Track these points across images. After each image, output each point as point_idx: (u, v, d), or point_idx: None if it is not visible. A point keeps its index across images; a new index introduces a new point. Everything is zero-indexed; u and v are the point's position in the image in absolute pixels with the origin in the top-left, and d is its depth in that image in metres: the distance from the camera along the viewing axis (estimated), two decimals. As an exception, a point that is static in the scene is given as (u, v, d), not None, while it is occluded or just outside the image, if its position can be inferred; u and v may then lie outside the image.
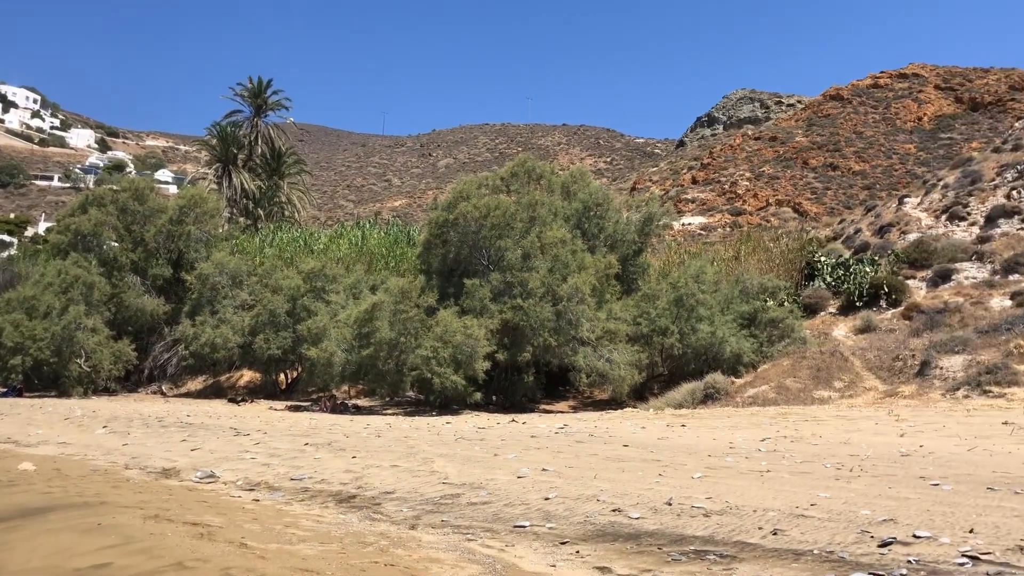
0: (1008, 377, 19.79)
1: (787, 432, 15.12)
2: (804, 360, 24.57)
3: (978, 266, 32.60)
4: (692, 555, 6.44)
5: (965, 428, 14.82)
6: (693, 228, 71.88)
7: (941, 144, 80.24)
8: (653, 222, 31.49)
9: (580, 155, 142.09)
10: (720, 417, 19.01)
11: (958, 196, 39.92)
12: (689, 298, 26.37)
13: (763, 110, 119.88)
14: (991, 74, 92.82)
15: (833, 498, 8.30)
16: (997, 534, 6.58)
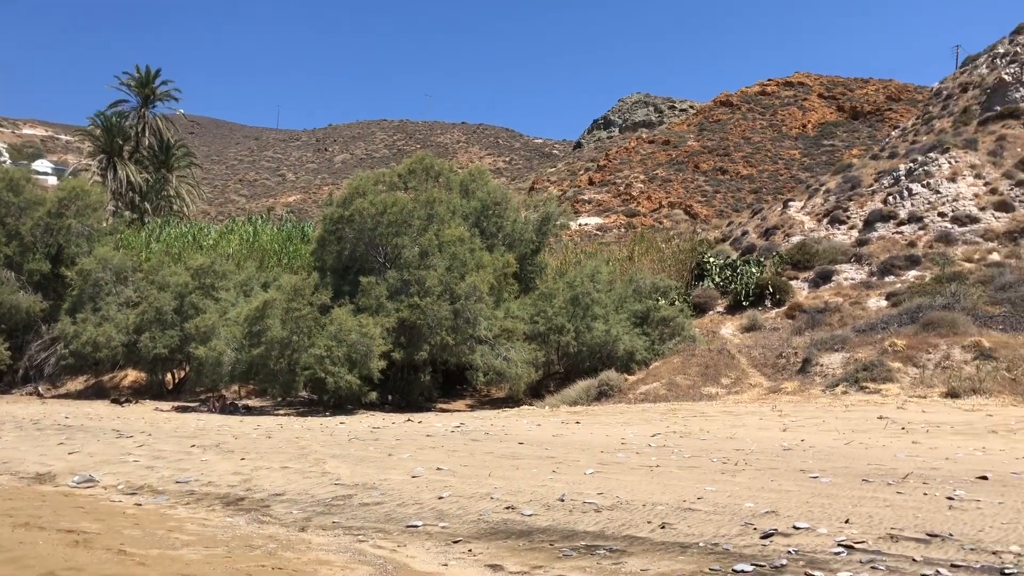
0: (883, 374, 20.82)
1: (677, 428, 15.50)
2: (693, 358, 25.25)
3: (856, 268, 34.20)
4: (583, 550, 6.52)
5: (843, 423, 15.50)
6: (590, 228, 72.96)
7: (824, 150, 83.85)
8: (551, 222, 31.80)
9: (479, 154, 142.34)
10: (613, 414, 19.34)
11: (839, 201, 41.79)
12: (585, 297, 26.74)
13: (657, 114, 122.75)
14: (870, 84, 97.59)
15: (719, 491, 8.55)
16: (870, 523, 6.90)
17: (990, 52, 53.86)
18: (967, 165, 39.14)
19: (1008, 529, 6.56)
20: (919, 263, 32.60)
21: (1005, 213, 35.32)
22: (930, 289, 27.49)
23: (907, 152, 45.02)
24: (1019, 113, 43.30)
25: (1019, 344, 20.70)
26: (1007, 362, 20.06)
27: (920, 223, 36.17)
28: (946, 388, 19.18)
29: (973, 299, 25.24)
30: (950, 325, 22.49)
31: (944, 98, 53.70)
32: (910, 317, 24.41)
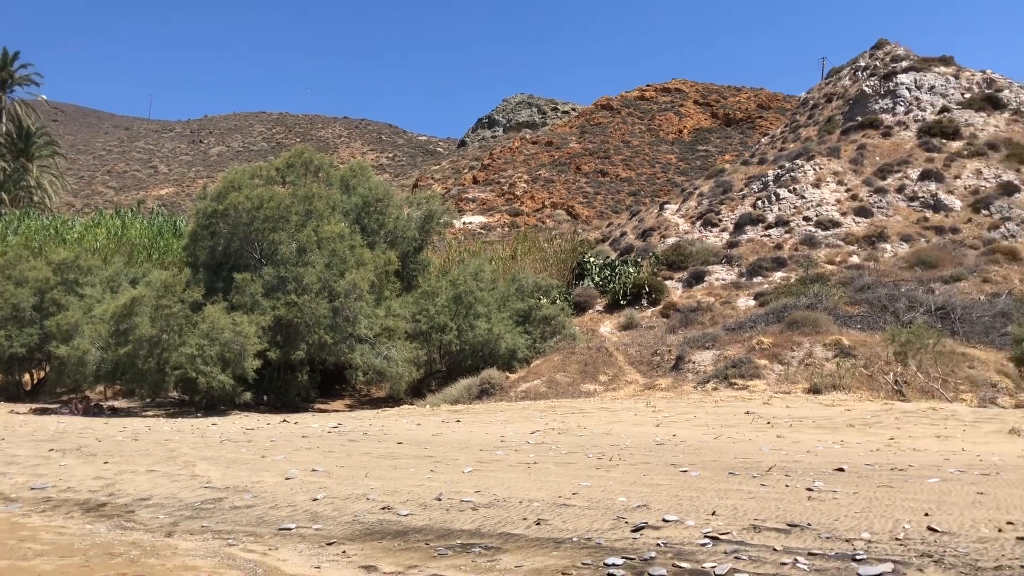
0: (751, 371, 21.70)
1: (555, 425, 15.72)
2: (573, 355, 25.67)
3: (727, 269, 35.53)
4: (458, 549, 6.51)
5: (713, 418, 16.07)
6: (474, 227, 73.12)
7: (699, 155, 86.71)
8: (434, 220, 31.70)
9: (362, 149, 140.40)
10: (494, 412, 19.44)
11: (711, 204, 43.32)
12: (468, 296, 26.78)
13: (540, 115, 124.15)
14: (743, 93, 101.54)
15: (594, 487, 8.70)
16: (735, 515, 7.16)
17: (852, 65, 56.92)
18: (830, 172, 41.25)
19: (860, 518, 6.93)
20: (785, 265, 34.15)
21: (864, 218, 37.41)
22: (795, 290, 28.83)
23: (775, 159, 47.11)
24: (878, 123, 45.96)
25: (875, 342, 21.96)
26: (864, 359, 21.24)
27: (786, 227, 37.89)
28: (809, 384, 20.15)
29: (834, 300, 26.61)
30: (813, 324, 23.64)
31: (810, 107, 56.42)
32: (776, 316, 25.53)
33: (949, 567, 5.41)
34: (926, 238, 34.95)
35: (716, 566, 5.59)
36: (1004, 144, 41.27)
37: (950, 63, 50.46)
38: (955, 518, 6.80)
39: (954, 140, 42.68)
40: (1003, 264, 30.39)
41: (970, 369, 21.20)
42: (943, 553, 5.74)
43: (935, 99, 46.93)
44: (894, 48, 54.25)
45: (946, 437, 12.62)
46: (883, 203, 38.27)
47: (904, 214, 37.43)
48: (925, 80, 48.28)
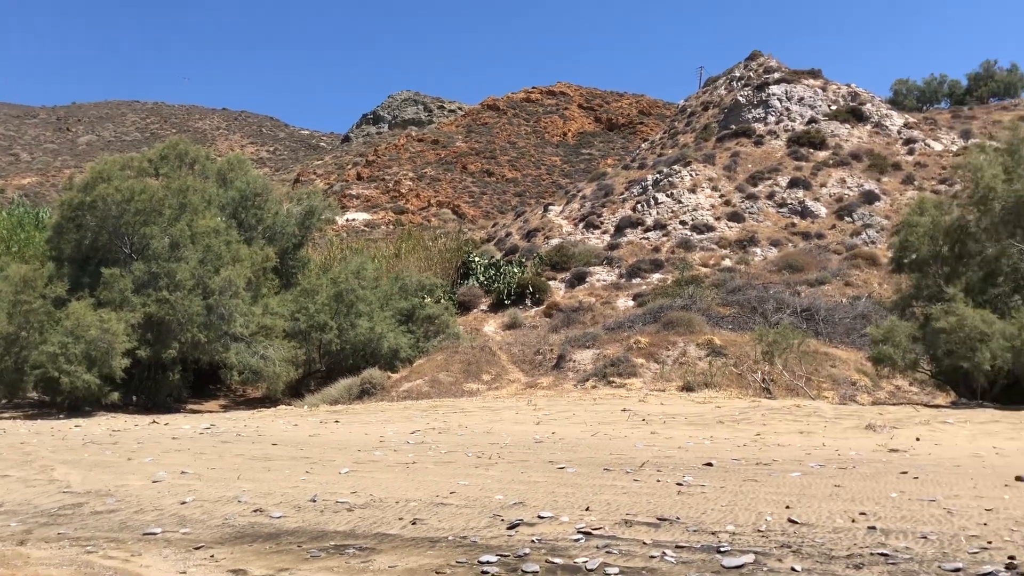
0: (628, 369, 22.23)
1: (436, 424, 15.68)
2: (457, 355, 25.68)
3: (608, 270, 36.30)
4: (332, 550, 6.40)
5: (592, 415, 16.37)
6: (357, 224, 72.18)
7: (582, 158, 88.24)
8: (315, 216, 31.12)
9: (241, 142, 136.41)
10: (374, 412, 19.24)
11: (594, 207, 44.17)
12: (349, 294, 26.41)
13: (427, 113, 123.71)
14: (625, 99, 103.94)
15: (471, 485, 8.73)
16: (608, 510, 7.31)
17: (728, 75, 59.11)
18: (706, 178, 42.71)
19: (726, 511, 7.19)
20: (662, 267, 35.16)
21: (736, 223, 38.91)
22: (671, 291, 29.73)
23: (655, 164, 48.45)
24: (751, 132, 47.87)
25: (745, 342, 22.85)
26: (734, 358, 22.08)
27: (664, 230, 39.03)
28: (683, 382, 20.79)
29: (708, 301, 27.56)
30: (687, 324, 24.41)
31: (688, 115, 58.27)
32: (653, 316, 26.24)
33: (806, 556, 5.67)
34: (793, 243, 36.64)
35: (588, 561, 5.69)
36: (866, 155, 43.70)
37: (818, 76, 53.08)
38: (814, 510, 7.13)
39: (821, 150, 44.91)
40: (863, 268, 32.17)
41: (832, 368, 22.34)
42: (801, 543, 6.01)
43: (804, 110, 49.27)
44: (767, 60, 56.63)
45: (808, 433, 13.24)
46: (754, 209, 39.88)
47: (774, 220, 39.13)
48: (795, 92, 50.61)
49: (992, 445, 11.54)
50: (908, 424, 13.76)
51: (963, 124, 55.81)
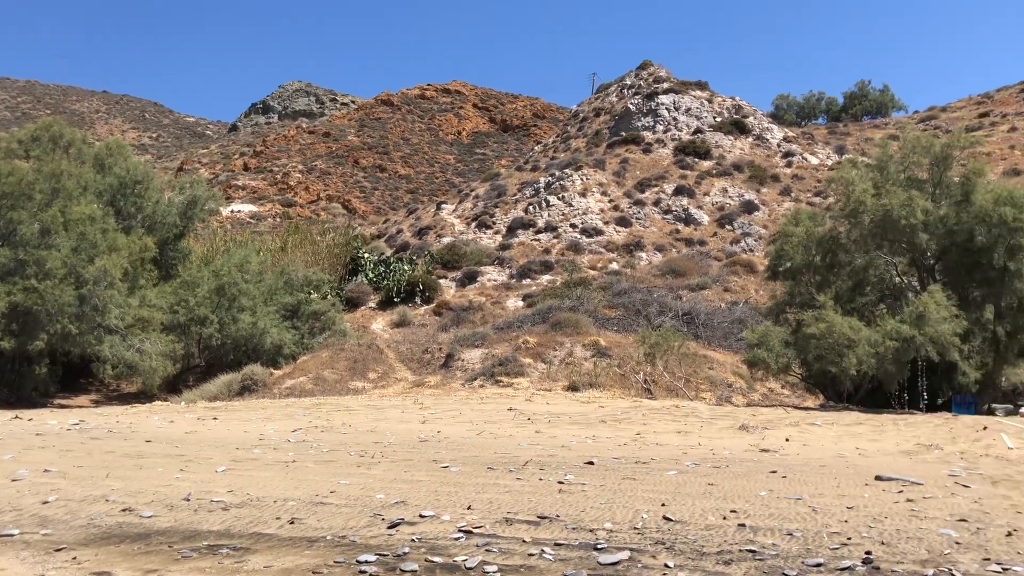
0: (516, 368, 22.40)
1: (319, 422, 15.42)
2: (343, 352, 25.31)
3: (499, 270, 36.49)
4: (205, 550, 6.21)
5: (478, 414, 16.42)
6: (243, 216, 70.20)
7: (476, 158, 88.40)
8: (198, 206, 30.13)
9: (122, 127, 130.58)
10: (255, 409, 18.75)
11: (486, 207, 44.33)
12: (232, 287, 25.68)
13: (318, 105, 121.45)
14: (519, 101, 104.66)
15: (353, 484, 8.62)
16: (490, 509, 7.35)
17: (620, 83, 60.34)
18: (596, 183, 43.50)
19: (605, 509, 7.34)
20: (552, 268, 35.60)
21: (624, 228, 39.78)
22: (560, 292, 30.13)
23: (547, 166, 49.00)
24: (640, 140, 49.00)
25: (629, 343, 23.38)
26: (619, 359, 22.55)
27: (555, 232, 39.53)
28: (568, 382, 21.10)
29: (595, 303, 28.06)
30: (575, 325, 24.78)
31: (580, 120, 59.20)
32: (542, 317, 26.53)
33: (679, 553, 5.84)
34: (677, 249, 37.72)
35: (467, 559, 5.70)
36: (747, 166, 45.38)
37: (705, 88, 54.82)
38: (688, 508, 7.36)
39: (705, 160, 46.38)
40: (742, 275, 33.40)
41: (710, 370, 23.11)
42: (675, 540, 6.19)
43: (691, 120, 50.77)
44: (657, 70, 58.12)
45: (686, 433, 13.66)
46: (641, 215, 40.86)
47: (659, 226, 40.19)
48: (683, 102, 52.09)
49: (856, 446, 12.16)
50: (779, 425, 14.36)
51: (838, 140, 58.69)
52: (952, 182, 20.32)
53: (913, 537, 6.27)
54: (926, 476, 9.07)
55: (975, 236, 18.68)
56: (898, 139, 22.98)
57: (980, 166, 20.29)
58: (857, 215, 19.98)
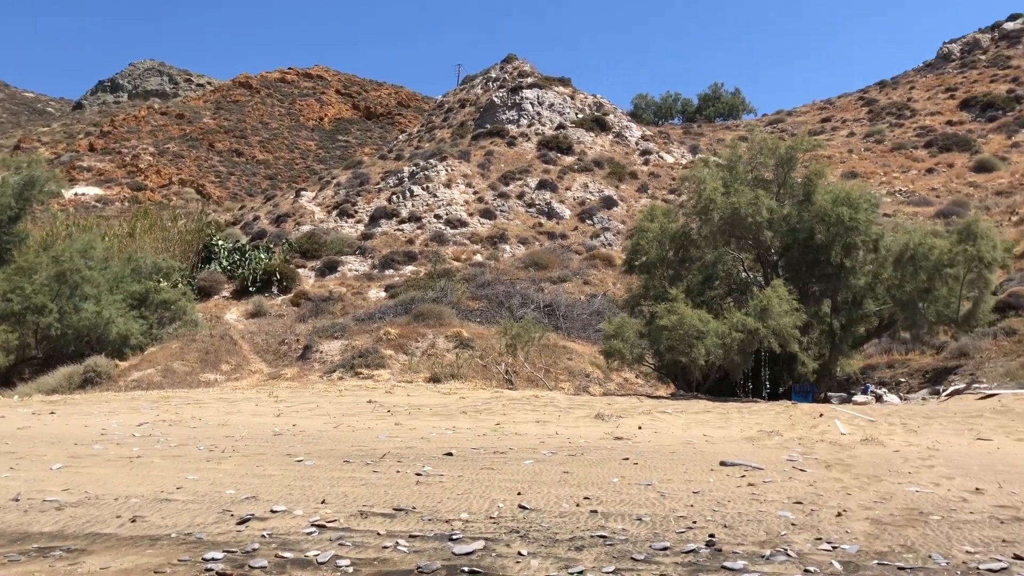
0: (377, 360, 22.16)
1: (167, 416, 14.76)
2: (194, 343, 24.34)
3: (361, 260, 35.99)
4: (35, 553, 5.82)
5: (336, 407, 16.14)
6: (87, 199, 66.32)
7: (338, 145, 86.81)
8: (36, 187, 28.25)
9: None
10: (98, 403, 17.76)
11: (348, 195, 43.60)
12: (73, 274, 24.22)
13: (172, 85, 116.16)
14: (384, 88, 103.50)
15: (201, 480, 8.29)
16: (345, 502, 7.23)
17: (485, 75, 60.60)
18: (461, 174, 43.54)
19: (462, 499, 7.36)
20: (416, 259, 35.42)
21: (488, 220, 40.01)
22: (423, 283, 30.02)
23: (411, 156, 48.68)
24: (504, 133, 49.38)
25: (491, 335, 23.55)
26: (481, 351, 22.68)
27: (419, 222, 39.33)
28: (430, 373, 21.06)
29: (458, 294, 28.11)
30: (437, 317, 24.75)
31: (446, 111, 59.09)
32: (404, 308, 26.36)
33: (533, 541, 5.92)
34: (540, 242, 38.28)
35: (319, 554, 5.58)
36: (607, 163, 46.54)
37: (568, 84, 55.79)
38: (543, 496, 7.47)
39: (568, 155, 47.25)
40: (601, 268, 34.26)
41: (569, 361, 23.59)
42: (529, 528, 6.27)
43: (554, 116, 51.59)
44: (522, 64, 58.71)
45: (544, 422, 13.88)
46: (505, 207, 41.22)
47: (522, 219, 40.67)
48: (546, 97, 52.85)
49: (703, 433, 12.69)
50: (633, 414, 14.81)
51: (692, 140, 61.06)
52: (795, 183, 21.49)
53: (753, 520, 6.59)
54: (767, 461, 9.55)
55: (815, 234, 19.84)
56: (747, 140, 24.10)
57: (821, 168, 21.54)
58: (708, 212, 20.83)
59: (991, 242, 18.82)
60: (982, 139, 50.72)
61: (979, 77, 64.43)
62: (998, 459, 9.98)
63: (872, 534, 6.11)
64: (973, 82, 63.59)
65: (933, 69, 74.04)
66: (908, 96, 66.49)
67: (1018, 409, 14.65)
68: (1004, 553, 5.53)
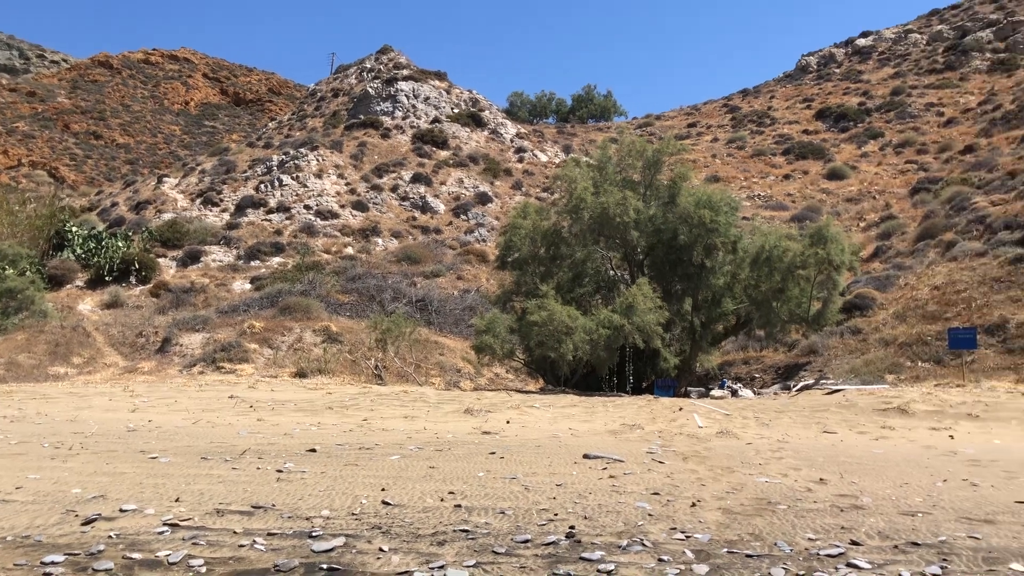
0: (240, 354, 21.51)
1: (9, 411, 13.86)
2: (42, 334, 22.99)
3: (226, 250, 34.80)
4: None
5: (196, 402, 15.57)
6: (-77, 179, 61.44)
7: (205, 131, 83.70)
8: None
9: None
10: (-70, 398, 16.50)
11: (214, 183, 42.08)
12: (-97, 259, 22.39)
13: (22, 60, 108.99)
14: (254, 74, 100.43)
15: (44, 479, 7.82)
16: (201, 500, 6.97)
17: (360, 65, 59.70)
18: (332, 165, 42.76)
19: (324, 496, 7.22)
20: (284, 250, 34.55)
21: (361, 212, 39.46)
22: (291, 276, 29.32)
23: (281, 144, 47.44)
24: (379, 124, 48.82)
25: (361, 329, 23.25)
26: (350, 345, 22.37)
27: (288, 213, 38.38)
28: (296, 368, 20.60)
29: (328, 287, 27.61)
30: (305, 310, 24.24)
31: (318, 99, 57.86)
32: (271, 301, 25.69)
33: (395, 536, 5.87)
34: (413, 236, 38.06)
35: (171, 554, 5.36)
36: (483, 159, 46.74)
37: (444, 78, 55.67)
38: (408, 491, 7.43)
39: (443, 149, 47.17)
40: (474, 264, 34.37)
41: (440, 356, 23.56)
42: (392, 524, 6.22)
43: (429, 109, 51.37)
44: (397, 56, 58.18)
45: (413, 417, 13.81)
46: (378, 200, 40.76)
47: (396, 212, 40.33)
48: (422, 90, 52.58)
49: (569, 427, 12.93)
50: (502, 408, 14.94)
51: (566, 139, 62.10)
52: (661, 185, 22.19)
53: (613, 511, 6.75)
54: (628, 454, 9.82)
55: (679, 235, 20.55)
56: (617, 142, 24.70)
57: (685, 171, 22.32)
58: (578, 211, 21.23)
59: (840, 246, 19.98)
60: (835, 148, 53.76)
61: (834, 89, 68.27)
62: (841, 451, 10.61)
63: (723, 523, 6.37)
64: (828, 94, 67.32)
65: (792, 80, 77.95)
66: (769, 105, 69.75)
67: (861, 404, 15.61)
68: (842, 539, 5.87)
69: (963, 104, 55.62)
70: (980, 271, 23.55)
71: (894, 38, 77.51)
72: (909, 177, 43.85)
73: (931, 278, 24.72)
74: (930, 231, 29.87)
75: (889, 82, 65.43)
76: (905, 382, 19.03)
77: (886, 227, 33.51)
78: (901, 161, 48.48)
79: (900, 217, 34.85)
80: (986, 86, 57.58)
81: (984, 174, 35.47)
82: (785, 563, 5.25)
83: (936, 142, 49.51)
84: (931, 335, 21.04)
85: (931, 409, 14.80)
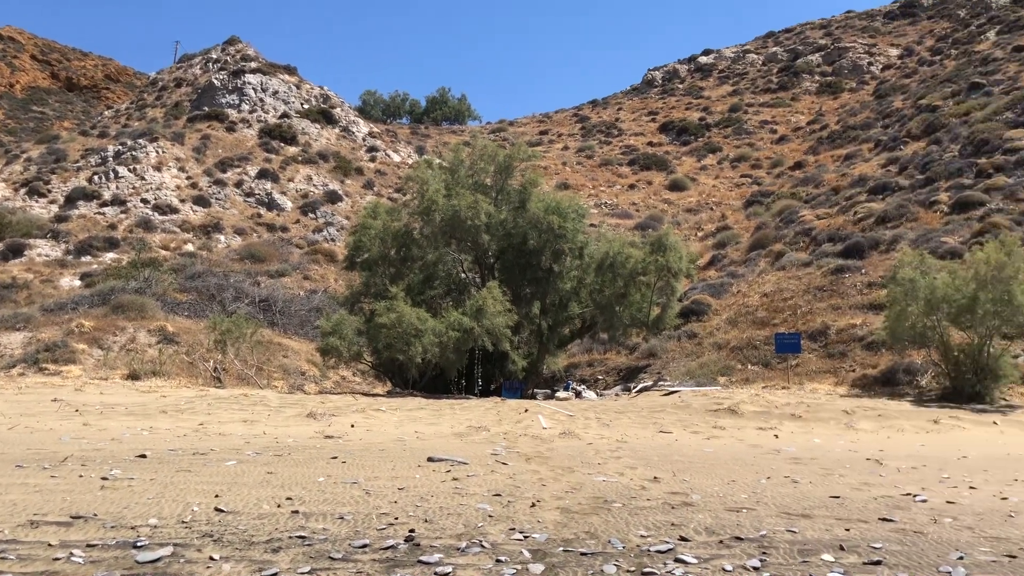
0: (67, 355, 20.20)
1: None
2: None
3: (53, 244, 32.63)
4: None
5: (14, 406, 14.50)
6: None
7: (32, 116, 78.19)
8: None
9: None
10: None
11: (41, 172, 39.36)
12: None
13: None
14: (90, 59, 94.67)
15: None
16: (13, 511, 6.49)
17: (205, 55, 57.38)
18: (173, 157, 40.87)
19: (152, 504, 6.87)
20: (118, 246, 32.73)
21: (202, 207, 37.90)
22: (125, 273, 27.79)
23: (118, 134, 44.94)
24: (224, 117, 47.08)
25: (200, 329, 22.32)
26: (187, 346, 21.43)
27: (123, 206, 36.39)
28: (128, 370, 19.55)
29: (165, 285, 26.37)
30: (140, 309, 23.05)
31: (159, 89, 55.20)
32: (102, 299, 24.28)
33: (227, 544, 5.65)
34: (259, 233, 36.91)
35: (-29, 572, 4.95)
36: (333, 156, 45.91)
37: (294, 73, 54.33)
38: (243, 497, 7.17)
39: (291, 145, 46.01)
40: (323, 264, 33.69)
41: (284, 358, 22.95)
42: (224, 532, 5.98)
43: (278, 104, 50.00)
44: (245, 48, 56.31)
45: (252, 422, 13.37)
46: (222, 195, 39.29)
47: (240, 208, 38.99)
48: (271, 84, 51.12)
49: (415, 430, 12.87)
50: (347, 412, 14.70)
51: (419, 140, 61.96)
52: (512, 189, 22.49)
53: (454, 513, 6.76)
54: (473, 456, 9.87)
55: (528, 239, 20.89)
56: (470, 146, 24.85)
57: (535, 177, 22.71)
58: (430, 213, 21.22)
59: (678, 254, 20.87)
60: (677, 160, 56.14)
61: (677, 104, 71.29)
62: (675, 450, 11.06)
63: (561, 523, 6.50)
64: (672, 108, 70.23)
65: (639, 93, 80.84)
66: (616, 116, 72.04)
67: (695, 405, 16.34)
68: (672, 536, 6.11)
69: (794, 123, 59.38)
70: (805, 280, 25.18)
71: (733, 57, 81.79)
72: (744, 190, 46.39)
73: (761, 286, 26.22)
74: (761, 242, 31.69)
75: (728, 99, 68.97)
76: (736, 384, 20.08)
77: (722, 237, 35.28)
78: (737, 175, 51.20)
79: (735, 228, 36.77)
80: (815, 106, 61.72)
81: (811, 189, 37.99)
82: (618, 560, 5.41)
83: (769, 158, 52.59)
84: (760, 340, 22.31)
85: (759, 410, 15.68)
